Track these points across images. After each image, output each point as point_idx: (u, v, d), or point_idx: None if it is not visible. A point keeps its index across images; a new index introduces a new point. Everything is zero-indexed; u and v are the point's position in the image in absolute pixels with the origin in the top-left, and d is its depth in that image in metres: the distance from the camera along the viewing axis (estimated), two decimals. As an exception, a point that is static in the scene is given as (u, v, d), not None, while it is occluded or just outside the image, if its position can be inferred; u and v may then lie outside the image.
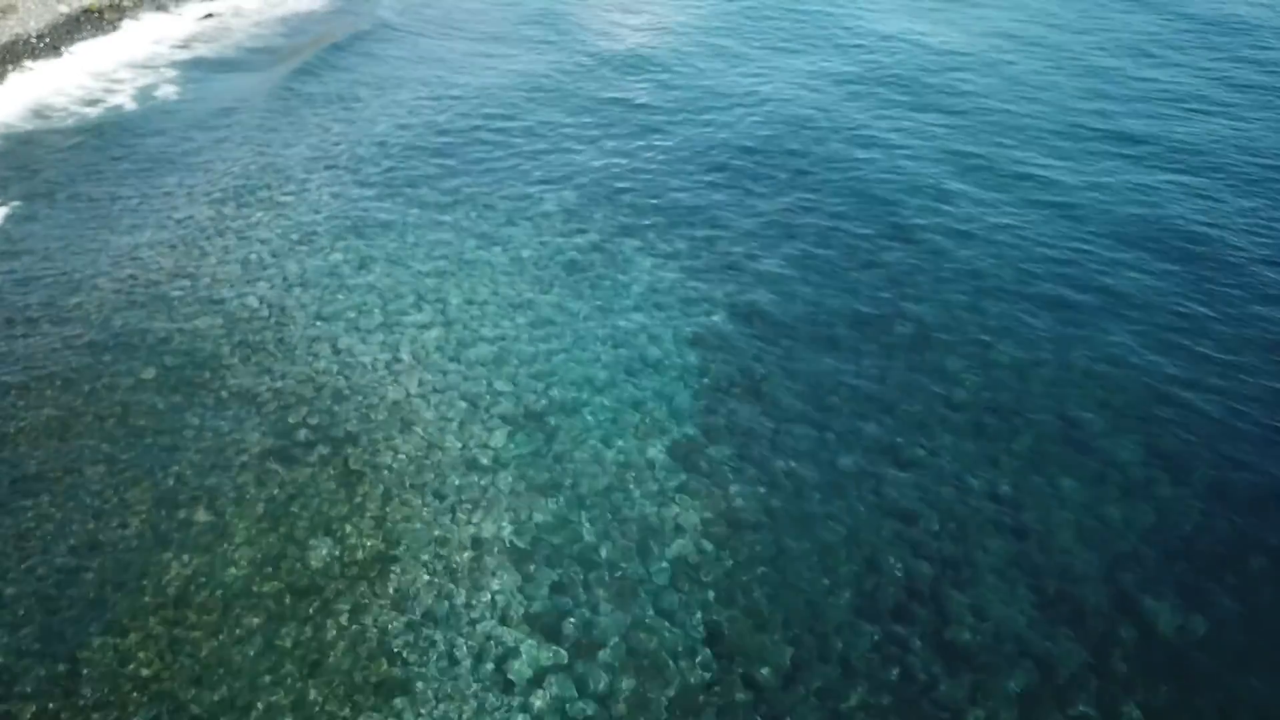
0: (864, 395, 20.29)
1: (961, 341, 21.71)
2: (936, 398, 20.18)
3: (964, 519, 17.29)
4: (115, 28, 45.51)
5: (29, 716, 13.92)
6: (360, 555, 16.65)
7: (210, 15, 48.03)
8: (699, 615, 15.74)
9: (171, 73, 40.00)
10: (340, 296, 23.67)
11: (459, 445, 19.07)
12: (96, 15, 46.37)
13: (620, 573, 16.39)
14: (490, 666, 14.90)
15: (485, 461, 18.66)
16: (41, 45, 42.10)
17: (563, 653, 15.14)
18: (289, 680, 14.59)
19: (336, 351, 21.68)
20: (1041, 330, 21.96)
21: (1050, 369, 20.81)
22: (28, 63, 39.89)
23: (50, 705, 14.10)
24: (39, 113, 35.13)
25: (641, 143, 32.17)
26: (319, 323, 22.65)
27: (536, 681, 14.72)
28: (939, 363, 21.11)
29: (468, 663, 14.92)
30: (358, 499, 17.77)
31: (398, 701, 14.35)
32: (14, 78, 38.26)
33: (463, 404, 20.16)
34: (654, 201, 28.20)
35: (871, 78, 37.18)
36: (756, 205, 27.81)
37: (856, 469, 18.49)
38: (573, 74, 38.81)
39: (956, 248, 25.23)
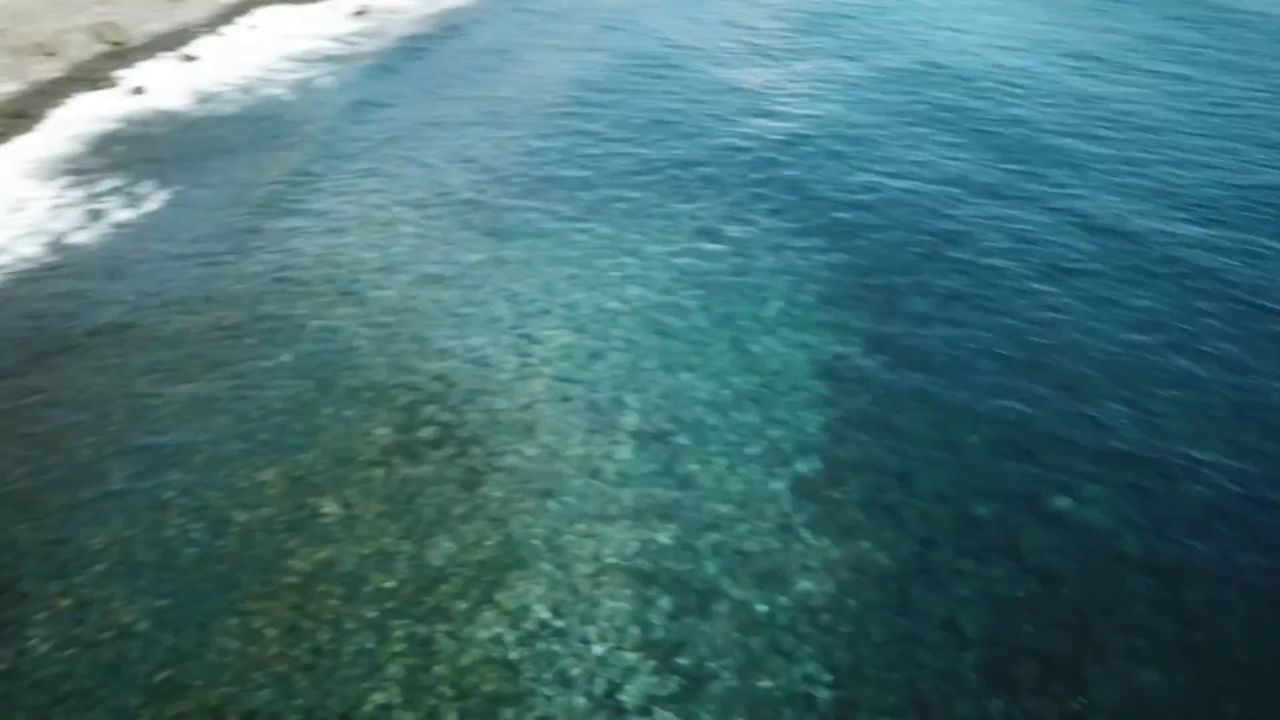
0: (1006, 439, 19.31)
1: (1120, 389, 20.48)
2: (1088, 446, 19.01)
3: (1114, 588, 16.16)
4: (275, 19, 47.28)
5: (158, 681, 14.23)
6: (478, 558, 16.57)
7: (364, 10, 49.46)
8: (818, 660, 15.13)
9: (326, 65, 41.27)
10: (475, 296, 23.83)
11: (583, 456, 18.88)
12: (258, 7, 48.30)
13: (739, 607, 15.89)
14: (601, 689, 14.59)
15: (609, 476, 18.42)
16: (206, 34, 43.99)
17: (675, 683, 14.74)
18: (398, 679, 14.54)
19: (468, 351, 21.79)
20: (1216, 384, 20.51)
21: (1227, 427, 19.38)
22: (192, 50, 41.70)
23: (175, 673, 14.39)
24: (201, 99, 36.61)
25: (793, 154, 31.68)
26: (453, 321, 22.84)
27: (646, 709, 14.33)
28: (1093, 409, 19.96)
29: (579, 682, 14.65)
30: (479, 501, 17.73)
31: (506, 714, 14.15)
32: (179, 65, 40.01)
33: (588, 414, 19.98)
34: (798, 217, 27.66)
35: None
36: (911, 232, 26.90)
37: (993, 519, 17.57)
38: (732, 79, 38.54)
39: (1124, 287, 23.94)
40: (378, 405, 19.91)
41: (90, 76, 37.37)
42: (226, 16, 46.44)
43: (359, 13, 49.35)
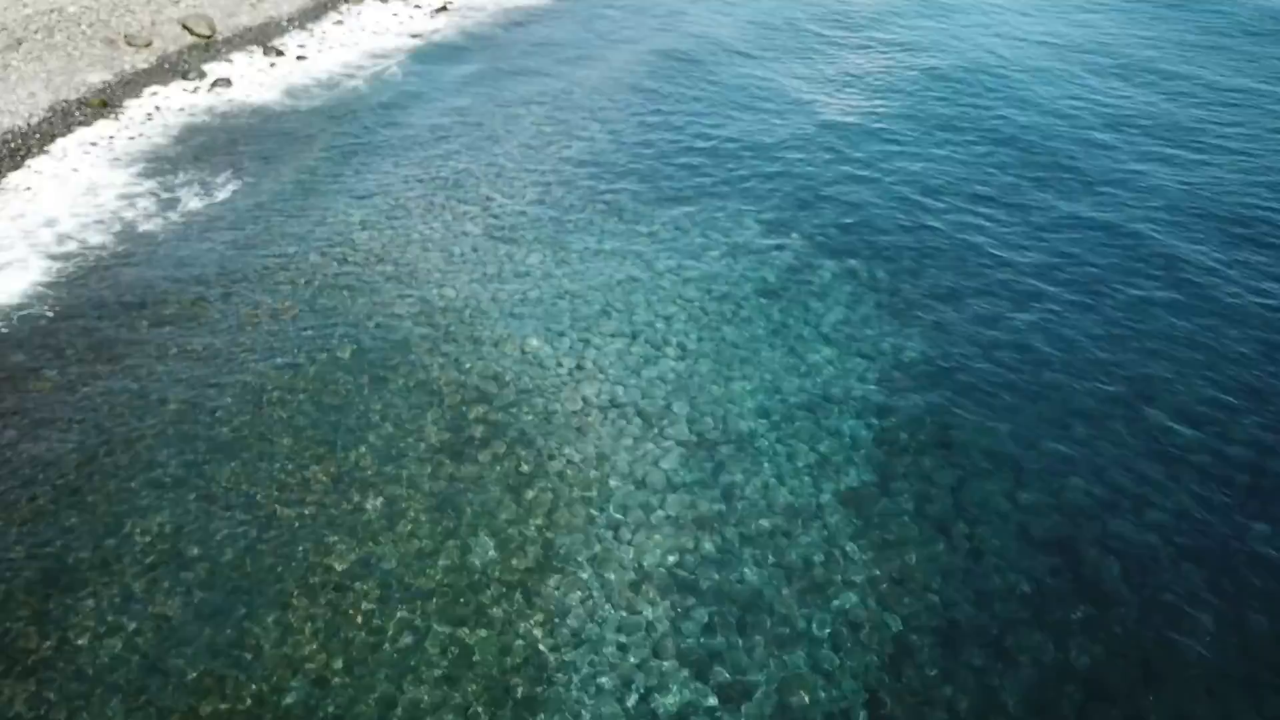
0: (1067, 460, 18.63)
1: (1198, 415, 19.61)
2: (1155, 468, 18.26)
3: (1173, 612, 15.46)
4: (359, 15, 48.07)
5: (193, 677, 14.49)
6: (519, 562, 16.56)
7: (445, 8, 49.99)
8: (859, 678, 14.78)
9: (406, 61, 41.83)
10: (533, 297, 23.86)
11: (630, 463, 18.75)
12: (345, 2, 49.16)
13: (779, 620, 15.61)
14: (635, 698, 14.46)
15: (655, 483, 18.25)
16: (293, 28, 44.90)
17: (711, 695, 14.53)
18: (434, 680, 14.60)
19: (522, 352, 21.81)
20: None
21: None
22: (279, 44, 42.59)
23: (213, 667, 14.64)
24: (282, 92, 37.39)
25: (868, 170, 31.04)
26: (509, 321, 22.90)
27: (680, 722, 14.20)
28: (1164, 433, 19.14)
29: (613, 691, 14.53)
30: (523, 504, 17.73)
31: (539, 720, 14.13)
32: (265, 58, 40.88)
33: (638, 421, 19.83)
34: (867, 232, 27.05)
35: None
36: (978, 241, 26.15)
37: (1048, 540, 16.96)
38: (803, 87, 38.06)
39: (1205, 322, 22.83)
40: (429, 403, 20.05)
41: (177, 68, 38.44)
42: (314, 12, 47.38)
43: (441, 9, 49.92)
